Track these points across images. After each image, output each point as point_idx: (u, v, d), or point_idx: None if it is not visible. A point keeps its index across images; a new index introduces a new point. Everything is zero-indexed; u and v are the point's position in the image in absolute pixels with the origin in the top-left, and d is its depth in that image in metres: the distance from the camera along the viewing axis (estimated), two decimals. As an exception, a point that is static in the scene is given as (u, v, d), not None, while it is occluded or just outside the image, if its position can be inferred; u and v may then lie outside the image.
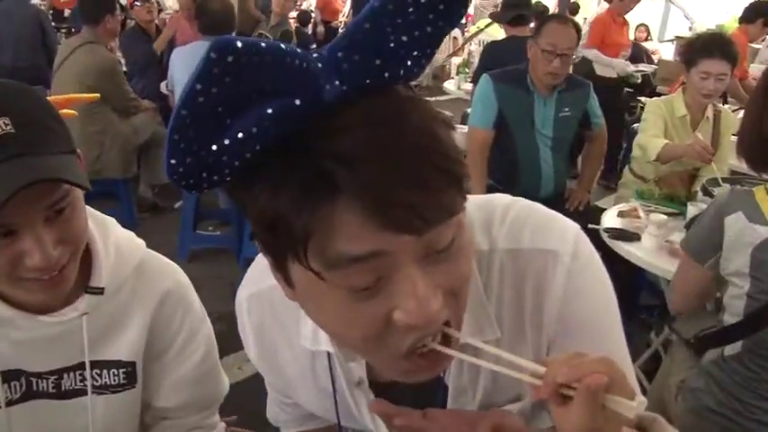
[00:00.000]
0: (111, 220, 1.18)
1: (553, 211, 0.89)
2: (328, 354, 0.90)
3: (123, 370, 1.17)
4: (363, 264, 0.61)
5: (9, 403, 1.10)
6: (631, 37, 9.26)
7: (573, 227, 0.86)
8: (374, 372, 0.90)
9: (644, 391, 1.66)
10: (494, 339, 0.83)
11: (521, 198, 0.89)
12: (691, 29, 7.72)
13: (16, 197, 0.88)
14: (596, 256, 0.87)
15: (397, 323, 0.64)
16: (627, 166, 3.38)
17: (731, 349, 1.70)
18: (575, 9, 11.96)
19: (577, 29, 3.15)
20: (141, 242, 1.21)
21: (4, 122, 0.91)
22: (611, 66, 5.51)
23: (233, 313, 3.17)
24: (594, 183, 3.74)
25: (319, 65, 0.58)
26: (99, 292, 1.10)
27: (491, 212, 0.86)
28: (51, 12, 9.53)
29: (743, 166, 1.99)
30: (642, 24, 10.25)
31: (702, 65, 2.89)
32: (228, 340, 3.16)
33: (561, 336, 0.85)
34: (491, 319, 0.84)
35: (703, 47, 2.94)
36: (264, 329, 0.96)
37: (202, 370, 1.26)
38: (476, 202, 0.86)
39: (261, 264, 0.94)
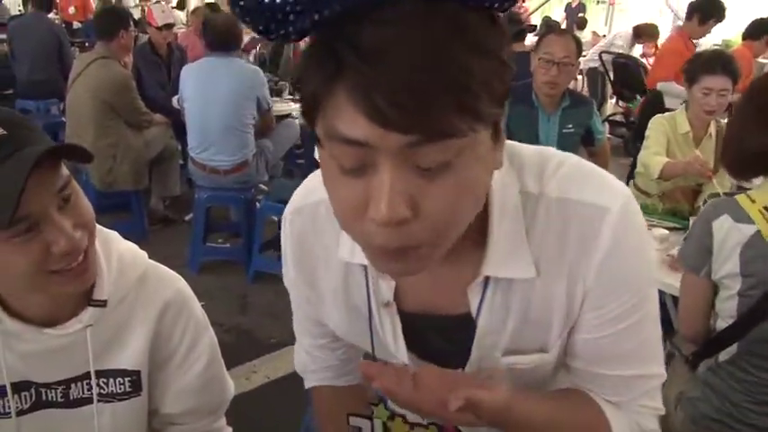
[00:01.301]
0: (115, 234, 1.22)
1: (606, 172, 0.90)
2: (364, 269, 0.94)
3: (128, 378, 1.21)
4: (351, 147, 0.65)
5: (20, 413, 1.15)
6: (639, 52, 9.34)
7: (624, 189, 0.88)
8: (402, 299, 0.94)
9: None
10: (529, 278, 0.86)
11: (575, 155, 0.92)
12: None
13: (28, 187, 0.93)
14: (642, 220, 0.89)
15: (367, 215, 0.68)
16: (631, 182, 3.42)
17: (726, 354, 1.74)
18: (582, 23, 12.04)
19: (577, 41, 3.19)
20: (144, 254, 1.25)
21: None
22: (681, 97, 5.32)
23: (241, 325, 3.27)
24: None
25: None
26: (102, 304, 1.14)
27: (546, 160, 0.88)
28: (63, 24, 9.69)
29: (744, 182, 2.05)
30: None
31: (704, 81, 2.93)
32: (237, 351, 3.24)
33: (599, 287, 0.86)
34: (528, 259, 0.85)
35: (705, 64, 2.99)
36: (304, 242, 1.00)
37: (207, 376, 1.29)
38: (533, 149, 0.90)
39: (310, 181, 1.00)
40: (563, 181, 0.86)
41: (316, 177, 0.93)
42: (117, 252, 1.19)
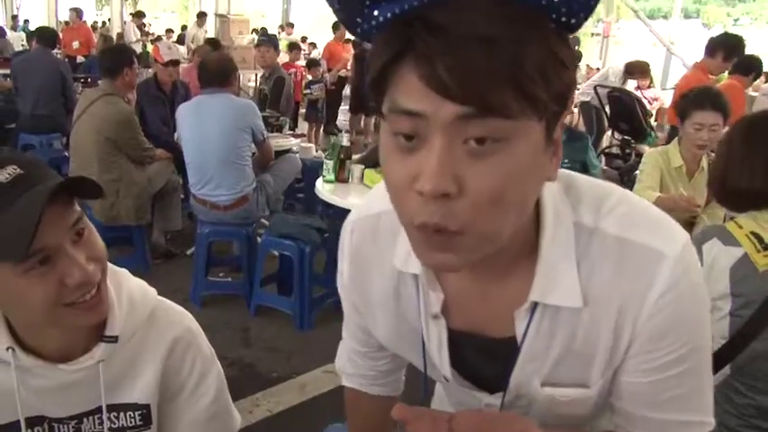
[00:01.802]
0: (124, 272, 1.26)
1: (667, 216, 0.89)
2: (416, 279, 0.95)
3: (139, 412, 1.24)
4: (409, 119, 0.69)
5: None
6: (634, 84, 9.48)
7: (683, 235, 0.87)
8: (450, 315, 0.94)
9: None
10: (576, 308, 0.86)
11: (634, 194, 0.92)
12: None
13: (43, 221, 0.99)
14: (698, 268, 0.88)
15: (415, 189, 0.71)
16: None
17: (721, 376, 1.77)
18: (577, 56, 12.20)
19: None
20: (153, 291, 1.29)
21: (12, 168, 1.03)
22: None
23: (243, 359, 3.33)
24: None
25: None
26: (114, 340, 1.18)
27: (606, 195, 0.88)
28: (66, 59, 9.82)
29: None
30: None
31: (696, 116, 3.02)
32: (240, 384, 3.28)
33: (649, 332, 0.85)
34: (577, 288, 0.85)
35: (695, 100, 3.09)
36: (362, 250, 1.02)
37: (214, 409, 1.33)
38: (592, 181, 0.91)
39: (374, 193, 1.02)
40: (622, 219, 0.85)
41: (378, 189, 0.95)
42: (127, 289, 1.23)
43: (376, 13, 0.70)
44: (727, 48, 5.26)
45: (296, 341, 3.75)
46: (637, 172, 3.47)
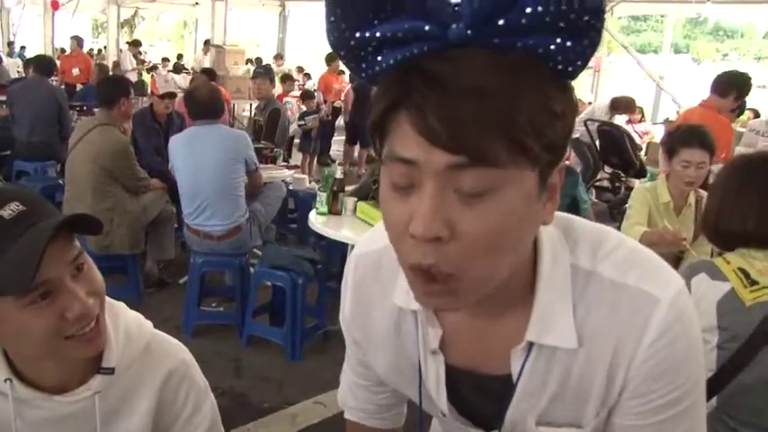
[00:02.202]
0: (121, 305, 1.30)
1: (663, 261, 0.91)
2: (415, 315, 0.97)
3: None
4: (403, 166, 0.72)
5: None
6: (625, 119, 9.59)
7: (678, 280, 0.88)
8: (448, 352, 0.96)
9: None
10: (571, 349, 0.87)
11: (632, 239, 0.94)
12: (678, 112, 8.00)
13: (45, 256, 1.03)
14: (693, 312, 0.89)
15: (409, 231, 0.74)
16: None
17: (708, 407, 1.80)
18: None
19: None
20: (149, 324, 1.32)
21: (15, 205, 1.08)
22: None
23: (235, 388, 3.38)
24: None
25: (455, 9, 0.68)
26: (110, 372, 1.20)
27: (604, 239, 0.90)
28: (63, 86, 9.90)
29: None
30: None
31: (683, 154, 3.08)
32: (231, 415, 3.29)
33: (642, 375, 0.87)
34: (572, 329, 0.86)
35: (683, 137, 3.16)
36: (364, 285, 1.04)
37: None
38: (591, 225, 0.93)
39: (377, 228, 1.00)
40: (618, 263, 0.87)
41: (382, 224, 0.95)
42: (124, 322, 1.26)
43: (379, 59, 0.73)
44: (739, 87, 5.16)
45: (287, 371, 3.76)
46: (626, 206, 3.52)
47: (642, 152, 8.20)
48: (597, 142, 8.13)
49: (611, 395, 0.90)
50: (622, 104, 8.43)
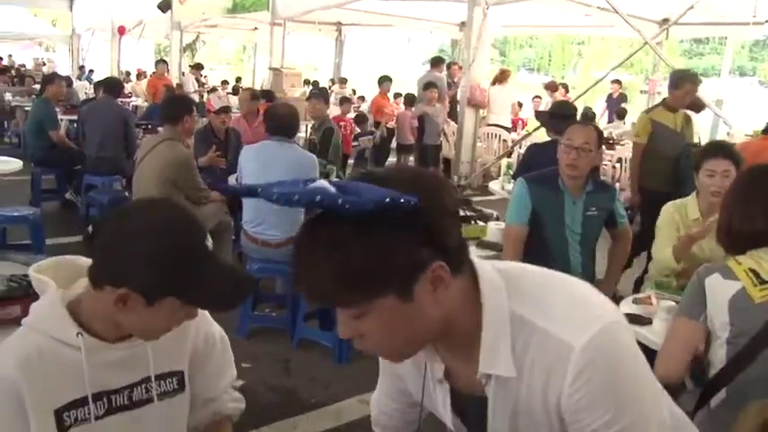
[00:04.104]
0: None
1: (593, 299, 1.13)
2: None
3: (176, 378, 1.58)
4: None
5: (97, 418, 1.45)
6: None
7: (598, 320, 1.07)
8: (452, 379, 1.23)
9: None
10: (511, 377, 1.11)
11: (557, 274, 1.19)
12: (728, 134, 7.96)
13: None
14: (617, 344, 1.08)
15: None
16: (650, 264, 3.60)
17: (717, 399, 1.94)
18: (622, 113, 12.35)
19: (598, 131, 3.50)
20: None
21: (210, 241, 1.45)
22: None
23: (285, 385, 3.64)
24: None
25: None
26: None
27: (543, 288, 1.14)
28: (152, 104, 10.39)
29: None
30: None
31: (708, 164, 3.17)
32: (281, 409, 3.49)
33: (571, 407, 1.08)
34: (510, 362, 1.09)
35: (707, 149, 3.30)
36: None
37: (228, 365, 1.74)
38: (536, 275, 1.17)
39: None
40: (546, 311, 1.09)
41: None
42: None
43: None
44: None
45: (334, 372, 3.96)
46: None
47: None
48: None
49: (552, 419, 1.11)
50: None
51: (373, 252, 0.98)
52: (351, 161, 9.35)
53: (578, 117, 5.94)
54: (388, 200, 0.93)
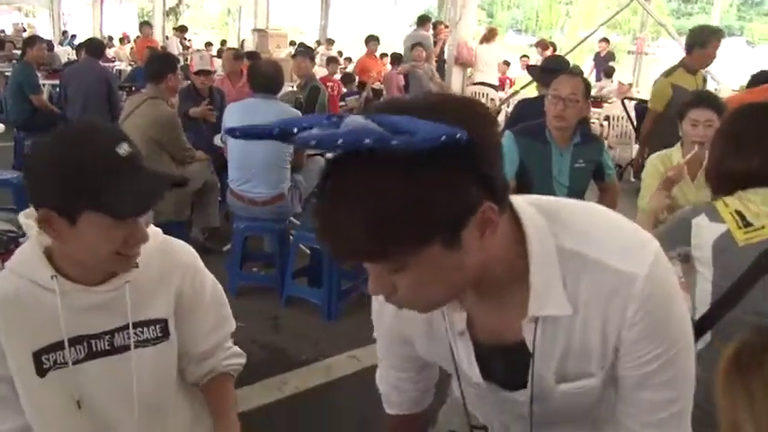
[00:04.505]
0: None
1: (639, 233, 1.07)
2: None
3: (159, 326, 1.53)
4: None
5: (76, 362, 1.43)
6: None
7: (650, 250, 1.04)
8: (473, 330, 1.15)
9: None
10: (567, 315, 1.04)
11: (612, 217, 1.10)
12: (716, 90, 7.94)
13: None
14: (669, 277, 1.05)
15: None
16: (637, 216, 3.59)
17: (702, 342, 1.94)
18: (610, 71, 12.31)
19: (585, 82, 3.47)
20: (158, 230, 1.57)
21: (126, 146, 1.32)
22: None
23: (274, 343, 3.63)
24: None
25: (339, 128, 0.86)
26: (135, 266, 1.44)
27: (584, 220, 1.07)
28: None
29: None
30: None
31: (692, 113, 3.15)
32: (270, 365, 3.51)
33: (631, 338, 1.04)
34: (564, 300, 1.03)
35: (692, 100, 3.26)
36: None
37: (221, 316, 1.67)
38: (576, 208, 1.10)
39: None
40: (597, 244, 1.03)
41: None
42: None
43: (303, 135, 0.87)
44: None
45: (323, 329, 3.97)
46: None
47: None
48: (634, 121, 8.14)
49: (608, 352, 1.07)
50: None
51: (423, 196, 0.86)
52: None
53: (568, 73, 5.88)
54: (444, 137, 0.82)
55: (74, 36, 19.61)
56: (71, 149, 1.29)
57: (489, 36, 10.47)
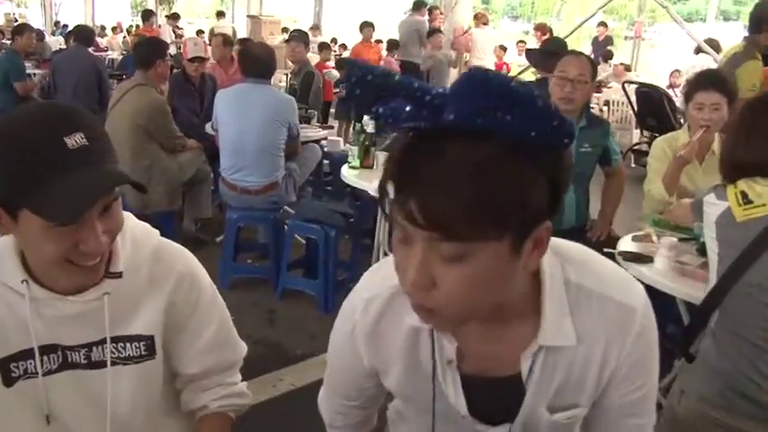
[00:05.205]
0: (129, 215, 1.34)
1: (627, 274, 1.13)
2: (431, 332, 1.10)
3: (143, 343, 1.34)
4: (400, 227, 0.88)
5: (47, 373, 1.29)
6: (666, 82, 9.43)
7: (642, 290, 1.11)
8: (461, 361, 1.11)
9: (660, 406, 1.88)
10: (572, 346, 1.06)
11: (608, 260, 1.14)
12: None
13: None
14: (653, 313, 1.11)
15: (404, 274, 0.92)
16: (644, 202, 3.48)
17: (712, 321, 1.96)
18: (608, 55, 12.20)
19: (592, 62, 3.33)
20: (156, 232, 1.39)
21: (80, 136, 1.12)
22: None
23: (269, 337, 3.46)
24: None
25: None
26: (118, 276, 1.28)
27: (583, 257, 1.10)
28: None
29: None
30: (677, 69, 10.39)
31: (697, 97, 3.05)
32: (266, 361, 3.38)
33: (627, 365, 1.09)
34: (572, 330, 1.05)
35: (697, 81, 3.15)
36: (381, 322, 1.14)
37: (219, 338, 1.46)
38: (572, 246, 1.11)
39: (377, 273, 1.18)
40: (598, 278, 1.07)
41: (385, 268, 1.10)
42: (131, 229, 1.33)
43: (381, 111, 0.85)
44: None
45: (320, 322, 3.83)
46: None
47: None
48: (635, 105, 8.03)
49: (602, 381, 1.10)
50: None
51: (514, 184, 0.82)
52: (332, 110, 9.16)
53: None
54: (555, 122, 0.81)
55: (65, 26, 19.40)
56: (14, 136, 1.12)
57: (479, 20, 10.33)
